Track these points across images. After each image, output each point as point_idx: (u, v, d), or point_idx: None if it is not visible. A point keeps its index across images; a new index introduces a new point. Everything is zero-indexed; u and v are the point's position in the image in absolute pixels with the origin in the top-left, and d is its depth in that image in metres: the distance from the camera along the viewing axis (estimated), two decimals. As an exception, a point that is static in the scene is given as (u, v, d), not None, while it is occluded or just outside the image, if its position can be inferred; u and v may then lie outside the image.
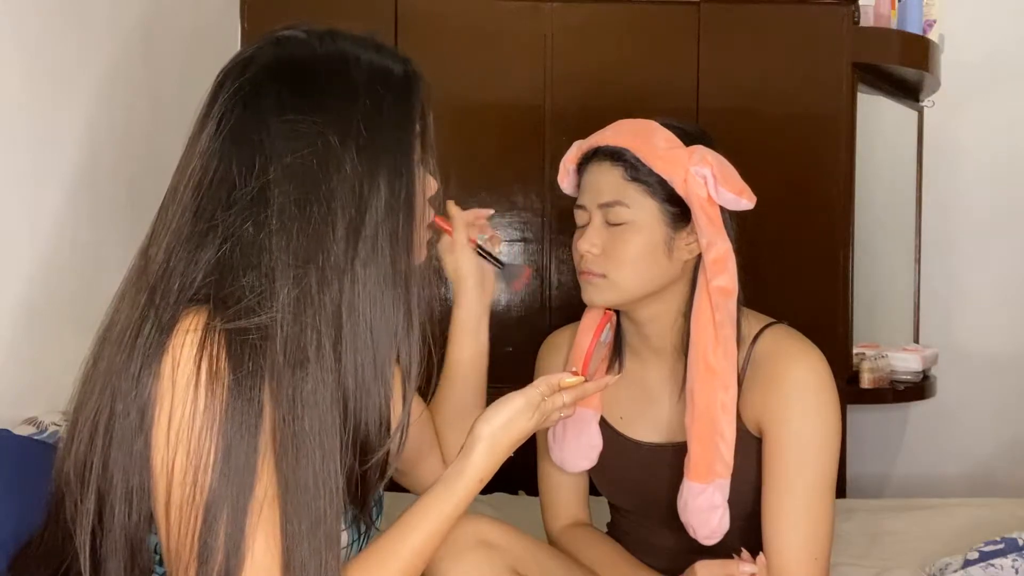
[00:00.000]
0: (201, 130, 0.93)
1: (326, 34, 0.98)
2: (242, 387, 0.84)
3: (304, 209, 0.89)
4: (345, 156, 0.91)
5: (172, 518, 0.84)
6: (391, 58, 0.99)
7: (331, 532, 0.88)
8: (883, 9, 2.67)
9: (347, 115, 0.93)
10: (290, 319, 0.87)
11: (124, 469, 0.85)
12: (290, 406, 0.86)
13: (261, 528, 0.84)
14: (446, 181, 2.71)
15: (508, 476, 2.36)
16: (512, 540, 1.25)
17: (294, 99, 0.92)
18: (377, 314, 0.93)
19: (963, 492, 3.00)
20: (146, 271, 0.90)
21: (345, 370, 0.92)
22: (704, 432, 1.25)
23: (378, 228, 0.93)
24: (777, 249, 2.42)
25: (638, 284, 1.28)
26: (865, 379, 2.65)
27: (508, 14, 2.49)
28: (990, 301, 3.14)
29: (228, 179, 0.90)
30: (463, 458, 1.04)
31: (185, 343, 0.84)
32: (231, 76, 0.95)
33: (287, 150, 0.90)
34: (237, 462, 0.83)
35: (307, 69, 0.95)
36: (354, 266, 0.91)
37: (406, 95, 0.98)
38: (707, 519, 1.26)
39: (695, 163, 1.25)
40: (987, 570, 1.54)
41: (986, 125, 3.11)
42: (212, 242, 0.89)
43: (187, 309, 0.87)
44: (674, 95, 2.49)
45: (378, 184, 0.93)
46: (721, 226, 1.26)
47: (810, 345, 1.30)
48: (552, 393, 1.11)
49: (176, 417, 0.83)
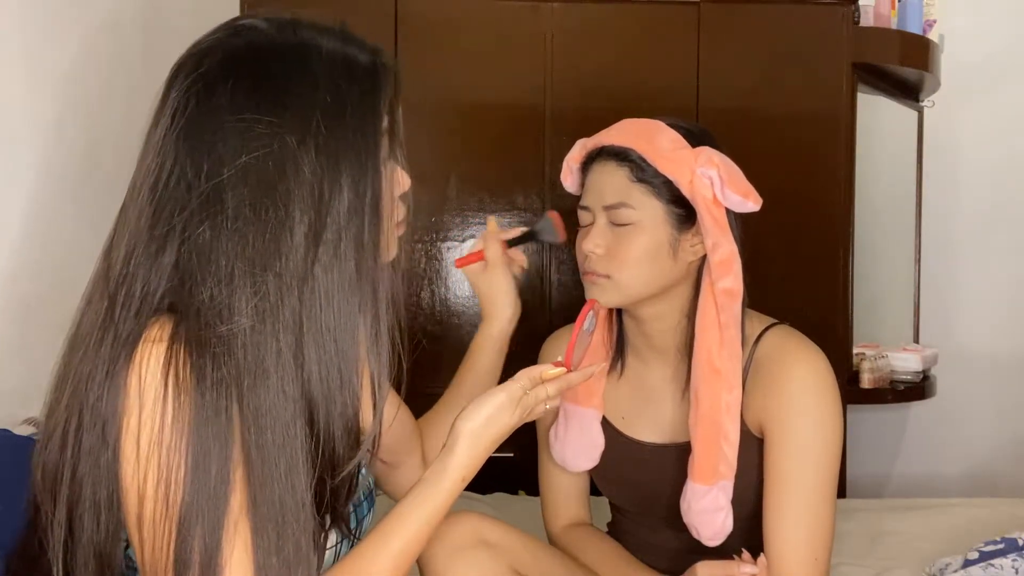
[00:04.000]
0: (156, 125, 0.89)
1: (287, 23, 0.92)
2: (207, 400, 0.82)
3: (260, 213, 0.85)
4: (303, 156, 0.87)
5: (146, 532, 0.83)
6: (357, 48, 0.94)
7: (300, 545, 0.86)
8: (883, 9, 2.67)
9: (306, 112, 0.87)
10: (248, 329, 0.84)
11: (92, 481, 0.84)
12: (252, 418, 0.84)
13: (239, 541, 0.83)
14: (446, 181, 2.73)
15: (508, 476, 2.36)
16: (512, 540, 1.25)
17: (249, 96, 0.87)
18: (341, 321, 0.89)
19: (963, 492, 3.00)
20: (108, 276, 0.87)
21: (309, 380, 0.88)
22: (708, 433, 1.25)
23: (341, 231, 0.88)
24: (777, 249, 2.42)
25: (642, 285, 1.28)
26: (865, 379, 2.65)
27: (508, 14, 2.49)
28: (990, 301, 3.14)
29: (184, 179, 0.86)
30: (444, 457, 1.00)
31: (151, 355, 0.82)
32: (185, 69, 0.89)
33: (241, 151, 0.85)
34: (208, 475, 0.81)
35: (264, 62, 0.89)
36: (315, 272, 0.87)
37: (372, 88, 0.92)
38: (711, 520, 1.26)
39: (702, 164, 1.24)
40: (987, 570, 1.54)
41: (986, 125, 3.11)
42: (171, 246, 0.86)
43: (151, 319, 0.85)
44: (674, 95, 2.49)
45: (340, 185, 0.88)
46: (727, 227, 1.26)
47: (812, 346, 1.30)
48: (534, 386, 1.07)
49: (145, 431, 0.82)
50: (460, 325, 2.49)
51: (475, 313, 2.49)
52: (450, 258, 2.48)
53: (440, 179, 2.47)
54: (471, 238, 2.48)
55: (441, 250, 2.48)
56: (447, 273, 2.49)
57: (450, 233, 2.48)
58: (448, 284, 2.49)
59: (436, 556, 1.19)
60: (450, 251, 2.48)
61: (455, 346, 2.47)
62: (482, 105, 2.48)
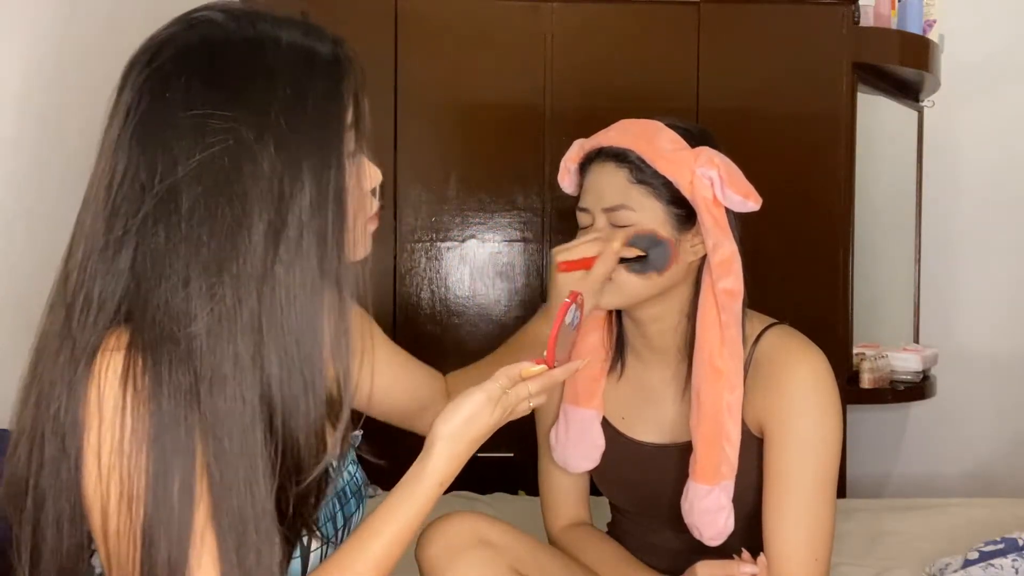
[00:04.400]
0: (110, 124, 0.86)
1: (244, 15, 0.88)
2: (165, 408, 0.80)
3: (215, 212, 0.82)
4: (262, 152, 0.83)
5: (111, 545, 0.81)
6: (318, 39, 0.90)
7: (261, 554, 0.84)
8: (883, 9, 2.67)
9: (263, 106, 0.84)
10: (204, 333, 0.81)
11: (54, 494, 0.82)
12: (210, 426, 0.81)
13: (206, 552, 0.81)
14: (446, 181, 2.72)
15: (508, 476, 2.36)
16: (512, 540, 1.25)
17: (204, 90, 0.83)
18: (304, 321, 0.86)
19: (963, 492, 3.00)
20: (66, 283, 0.85)
21: (270, 384, 0.85)
22: (710, 434, 1.25)
23: (303, 228, 0.85)
24: (777, 249, 2.42)
25: (642, 287, 1.28)
26: (865, 379, 2.65)
27: (508, 14, 2.49)
28: (990, 301, 3.14)
29: (137, 179, 0.83)
30: (422, 460, 0.97)
31: (109, 365, 0.81)
32: (138, 65, 0.86)
33: (196, 148, 0.82)
34: (170, 487, 0.80)
35: (220, 55, 0.85)
36: (275, 271, 0.84)
37: (334, 80, 0.89)
38: (713, 520, 1.26)
39: (701, 165, 1.24)
40: (987, 570, 1.54)
41: (986, 125, 3.12)
42: (126, 250, 0.83)
43: (110, 327, 0.82)
44: (674, 95, 2.49)
45: (301, 180, 0.85)
46: (727, 228, 1.26)
47: (812, 346, 1.30)
48: (513, 385, 1.02)
49: (106, 443, 0.80)
50: (460, 325, 2.49)
51: (475, 313, 2.49)
52: (451, 258, 2.48)
53: (440, 179, 2.47)
54: (471, 238, 2.48)
55: (441, 250, 2.49)
56: (447, 273, 2.49)
57: (450, 233, 2.49)
58: (448, 284, 2.49)
59: (436, 556, 1.19)
60: (450, 251, 2.48)
61: (455, 346, 2.48)
62: (482, 105, 2.48)
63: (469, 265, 2.49)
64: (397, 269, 2.47)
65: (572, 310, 1.13)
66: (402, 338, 2.47)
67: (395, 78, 2.45)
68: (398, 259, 2.47)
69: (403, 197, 2.46)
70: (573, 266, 1.27)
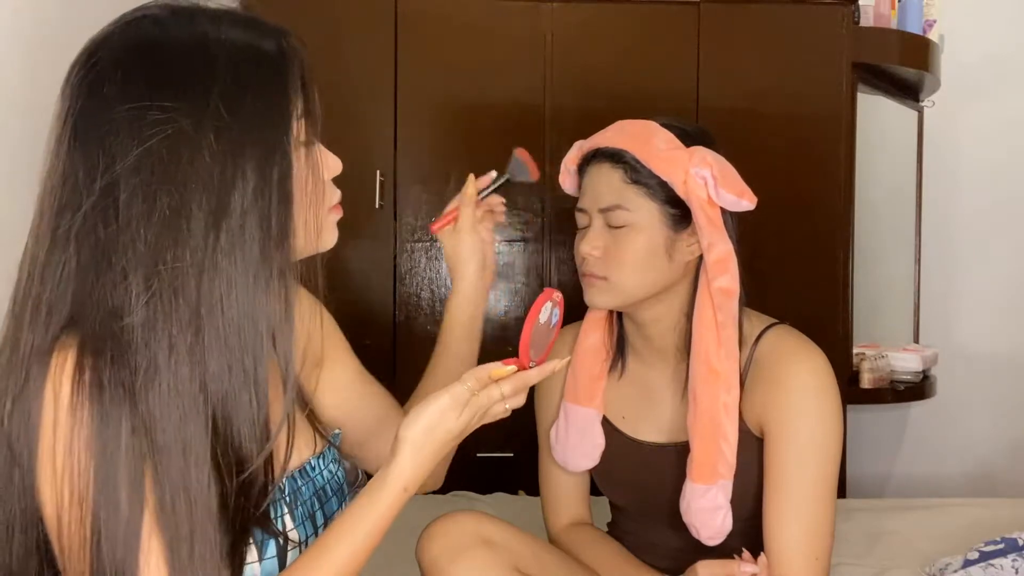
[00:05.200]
0: (54, 126, 0.85)
1: (183, 11, 0.88)
2: (105, 404, 0.79)
3: (153, 203, 0.81)
4: (201, 141, 0.82)
5: (64, 546, 0.81)
6: (261, 34, 0.89)
7: (202, 554, 0.82)
8: (883, 9, 2.67)
9: (202, 97, 0.83)
10: (140, 326, 0.80)
11: (5, 498, 0.82)
12: (147, 421, 0.80)
13: (153, 552, 0.80)
14: (446, 181, 2.72)
15: (508, 476, 2.36)
16: (513, 539, 1.25)
17: (141, 84, 0.82)
18: (245, 311, 0.85)
19: (963, 492, 3.00)
20: (18, 289, 0.85)
21: (208, 375, 0.84)
22: (707, 433, 1.25)
23: (245, 216, 0.84)
24: (777, 249, 2.42)
25: (640, 286, 1.28)
26: (865, 379, 2.65)
27: (508, 14, 2.49)
28: (990, 301, 3.14)
29: (78, 178, 0.82)
30: (386, 465, 0.95)
31: (63, 365, 0.80)
32: (77, 64, 0.85)
33: (133, 140, 0.81)
34: (115, 486, 0.79)
35: (157, 50, 0.84)
36: (216, 260, 0.83)
37: (278, 72, 0.88)
38: (710, 520, 1.26)
39: (695, 164, 1.24)
40: (987, 570, 1.54)
41: (986, 125, 3.12)
42: (71, 249, 0.82)
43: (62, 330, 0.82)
44: (674, 95, 2.49)
45: (243, 169, 0.84)
46: (722, 227, 1.26)
47: (813, 346, 1.30)
48: (483, 387, 0.98)
49: (60, 443, 0.79)
50: (460, 325, 2.48)
51: (475, 313, 2.49)
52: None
53: (440, 179, 2.47)
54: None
55: (441, 250, 2.48)
56: (447, 273, 2.49)
57: (450, 233, 2.48)
58: (448, 284, 2.49)
59: (438, 555, 1.19)
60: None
61: (455, 346, 2.48)
62: (482, 105, 2.48)
63: (469, 265, 2.49)
64: (397, 269, 2.47)
65: (548, 308, 1.09)
66: (402, 338, 2.48)
67: (395, 78, 2.45)
68: (398, 259, 2.47)
69: (403, 197, 2.46)
70: (442, 223, 1.27)
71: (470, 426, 0.99)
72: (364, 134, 2.45)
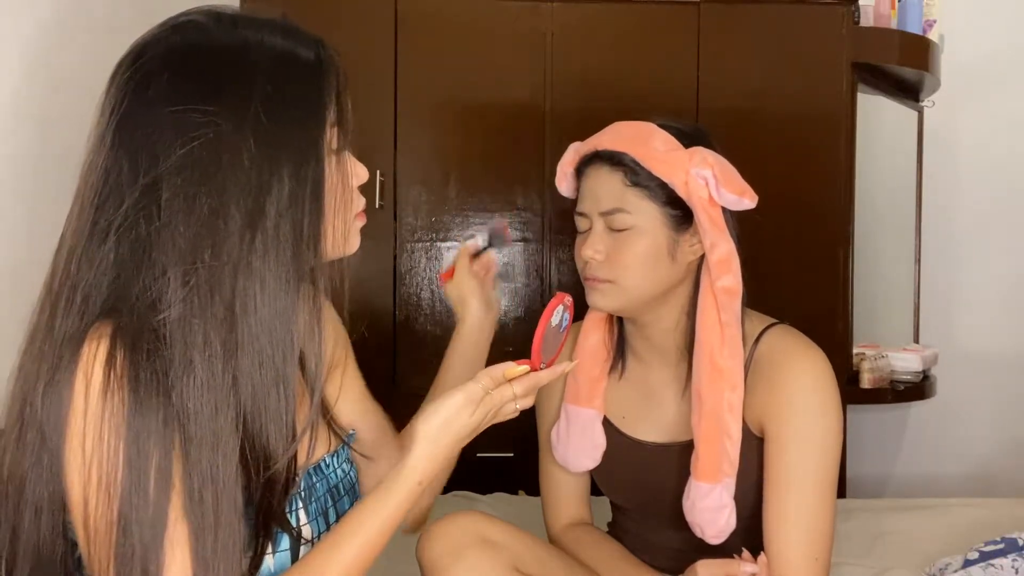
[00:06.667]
0: (97, 122, 0.89)
1: (227, 19, 0.91)
2: (140, 396, 0.81)
3: (193, 202, 0.84)
4: (241, 144, 0.85)
5: (90, 532, 0.82)
6: (299, 42, 0.92)
7: (225, 543, 0.84)
8: (883, 9, 2.67)
9: (243, 102, 0.86)
10: (177, 320, 0.83)
11: (33, 480, 0.84)
12: (180, 413, 0.83)
13: (178, 540, 0.82)
14: (446, 181, 2.72)
15: (508, 476, 2.35)
16: (513, 538, 1.25)
17: (185, 87, 0.86)
18: (276, 310, 0.87)
19: (963, 492, 3.00)
20: (53, 278, 0.87)
21: (240, 372, 0.86)
22: (711, 432, 1.25)
23: (279, 220, 0.87)
24: (777, 249, 2.42)
25: (644, 288, 1.28)
26: (865, 379, 2.65)
27: (508, 14, 2.49)
28: (990, 301, 3.14)
29: (121, 174, 0.85)
30: (402, 460, 0.98)
31: (96, 353, 0.82)
32: (123, 65, 0.89)
33: (176, 141, 0.84)
34: (145, 474, 0.81)
35: (202, 56, 0.88)
36: (251, 260, 0.86)
37: (315, 80, 0.91)
38: (715, 519, 1.26)
39: (696, 165, 1.24)
40: (987, 570, 1.54)
41: (986, 125, 3.12)
42: (110, 242, 0.85)
43: (96, 317, 0.84)
44: (674, 95, 2.49)
45: (280, 173, 0.87)
46: (724, 227, 1.26)
47: (813, 346, 1.30)
48: (496, 386, 1.02)
49: (90, 429, 0.81)
50: (460, 325, 2.48)
51: (475, 313, 2.49)
52: (450, 258, 2.48)
53: (440, 179, 2.47)
54: (471, 238, 2.48)
55: (441, 250, 2.49)
56: (447, 273, 2.49)
57: (450, 233, 2.49)
58: (448, 284, 2.49)
59: (438, 555, 1.19)
60: (450, 251, 2.48)
61: (455, 346, 2.48)
62: (482, 105, 2.48)
63: (469, 265, 2.49)
64: (397, 269, 2.47)
65: (560, 311, 1.13)
66: (402, 338, 2.48)
67: (395, 78, 2.45)
68: (398, 259, 2.47)
69: (403, 197, 2.47)
70: (446, 275, 1.39)
71: (482, 424, 1.02)
72: (364, 134, 2.44)
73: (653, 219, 1.27)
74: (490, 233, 1.41)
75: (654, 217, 1.27)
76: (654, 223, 1.27)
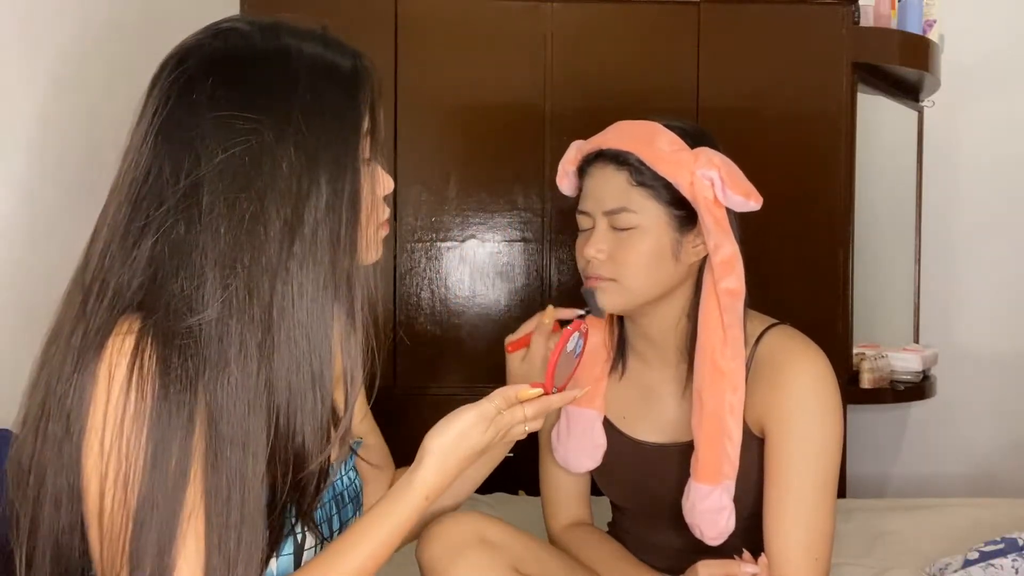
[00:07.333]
0: (139, 122, 0.90)
1: (269, 27, 0.93)
2: (170, 392, 0.82)
3: (234, 207, 0.86)
4: (281, 152, 0.87)
5: (104, 524, 0.83)
6: (338, 52, 0.94)
7: (244, 541, 0.85)
8: (883, 9, 2.67)
9: (284, 110, 0.88)
10: (214, 321, 0.84)
11: (54, 471, 0.84)
12: (209, 411, 0.84)
13: (191, 536, 0.83)
14: (446, 181, 2.73)
15: (508, 476, 2.36)
16: (513, 539, 1.25)
17: (228, 94, 0.88)
18: (314, 317, 0.89)
19: (963, 492, 3.00)
20: (85, 270, 0.88)
21: (275, 375, 0.88)
22: (712, 433, 1.25)
23: (317, 227, 0.89)
24: (777, 249, 2.42)
25: (647, 288, 1.28)
26: (865, 379, 2.65)
27: (508, 14, 2.49)
28: (990, 301, 3.14)
29: (162, 174, 0.87)
30: (411, 472, 0.99)
31: (120, 348, 0.83)
32: (167, 68, 0.91)
33: (219, 146, 0.86)
34: (166, 469, 0.82)
35: (245, 63, 0.90)
36: (289, 266, 0.87)
37: (353, 90, 0.93)
38: (715, 520, 1.26)
39: (702, 166, 1.24)
40: (987, 570, 1.54)
41: (986, 125, 3.12)
42: (146, 241, 0.86)
43: (124, 313, 0.85)
44: (674, 95, 2.49)
45: (318, 181, 0.89)
46: (728, 228, 1.26)
47: (813, 346, 1.30)
48: (509, 406, 1.04)
49: (110, 423, 0.82)
50: (460, 325, 2.49)
51: (475, 313, 2.49)
52: (451, 258, 2.49)
53: (440, 179, 2.47)
54: (471, 238, 2.49)
55: (441, 250, 2.49)
56: (447, 273, 2.49)
57: (450, 233, 2.49)
58: (448, 284, 2.49)
59: (437, 556, 1.19)
60: (450, 251, 2.48)
61: (454, 347, 2.48)
62: (482, 105, 2.48)
63: (469, 265, 2.49)
64: (397, 269, 2.47)
65: (575, 338, 1.15)
66: (402, 338, 2.47)
67: (395, 78, 2.45)
68: (398, 259, 2.47)
69: (403, 197, 2.46)
70: (517, 345, 1.30)
71: (492, 443, 1.03)
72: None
73: (657, 219, 1.27)
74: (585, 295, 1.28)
75: (658, 217, 1.27)
76: (658, 223, 1.27)
